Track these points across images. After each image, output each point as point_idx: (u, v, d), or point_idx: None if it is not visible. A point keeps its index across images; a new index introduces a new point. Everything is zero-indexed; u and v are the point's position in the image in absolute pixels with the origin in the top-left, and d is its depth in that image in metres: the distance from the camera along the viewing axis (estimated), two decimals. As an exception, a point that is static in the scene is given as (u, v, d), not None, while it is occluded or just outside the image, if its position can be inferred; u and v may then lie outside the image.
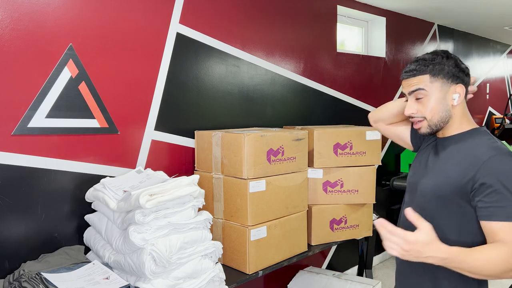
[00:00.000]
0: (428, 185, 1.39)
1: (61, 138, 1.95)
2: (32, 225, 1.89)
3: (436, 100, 1.35)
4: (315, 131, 2.52)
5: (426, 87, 1.35)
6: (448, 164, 1.35)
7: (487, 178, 1.23)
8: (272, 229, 2.22)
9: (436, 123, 1.37)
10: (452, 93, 1.36)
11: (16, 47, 1.80)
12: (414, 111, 1.38)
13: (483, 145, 1.30)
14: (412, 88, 1.37)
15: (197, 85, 2.47)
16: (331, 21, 3.32)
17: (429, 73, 1.35)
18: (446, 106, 1.36)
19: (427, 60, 1.37)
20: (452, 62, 1.37)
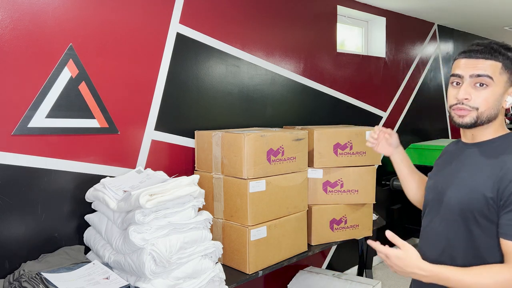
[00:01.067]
0: (453, 198, 1.27)
1: (61, 138, 1.95)
2: (32, 225, 1.89)
3: (495, 94, 1.22)
4: (315, 131, 2.52)
5: (494, 77, 1.21)
6: (476, 174, 1.24)
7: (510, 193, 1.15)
8: (272, 229, 2.22)
9: (485, 119, 1.24)
10: (508, 94, 1.25)
11: (16, 47, 1.80)
12: (469, 97, 1.22)
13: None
14: (479, 72, 1.21)
15: (197, 85, 2.47)
16: (331, 21, 3.32)
17: (502, 63, 1.22)
18: (499, 104, 1.24)
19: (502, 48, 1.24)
20: None
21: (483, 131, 1.28)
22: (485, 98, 1.22)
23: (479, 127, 1.27)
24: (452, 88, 1.29)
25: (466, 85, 1.23)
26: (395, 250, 1.20)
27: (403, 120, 4.18)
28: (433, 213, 1.36)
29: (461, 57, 1.28)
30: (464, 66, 1.25)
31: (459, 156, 1.34)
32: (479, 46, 1.25)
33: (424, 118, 4.52)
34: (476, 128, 1.28)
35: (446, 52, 4.79)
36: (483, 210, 1.20)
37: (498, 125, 1.28)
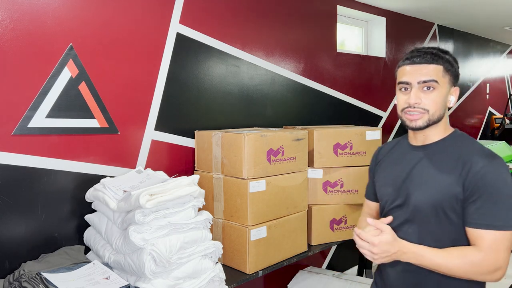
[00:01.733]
0: (424, 199, 1.32)
1: (61, 138, 1.95)
2: (32, 225, 1.89)
3: (442, 96, 1.32)
4: (315, 131, 2.52)
5: (439, 79, 1.30)
6: (440, 173, 1.30)
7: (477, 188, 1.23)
8: (272, 229, 2.22)
9: (435, 119, 1.32)
10: (451, 94, 1.35)
11: (16, 47, 1.80)
12: (419, 101, 1.31)
13: (473, 152, 1.29)
14: (426, 78, 1.30)
15: (197, 85, 2.47)
16: (331, 21, 3.32)
17: (443, 66, 1.31)
18: (444, 104, 1.34)
19: (440, 52, 1.33)
20: (457, 63, 1.36)
21: (434, 131, 1.36)
22: (434, 100, 1.31)
23: (429, 128, 1.35)
24: (401, 93, 1.36)
25: (416, 90, 1.31)
26: (378, 237, 1.26)
27: (403, 120, 4.18)
28: (400, 218, 1.39)
29: (405, 64, 1.35)
30: (410, 72, 1.33)
31: (413, 158, 1.40)
32: (420, 52, 1.33)
33: (424, 118, 4.51)
34: (427, 129, 1.35)
35: (446, 52, 4.79)
36: (454, 206, 1.27)
37: (445, 124, 1.37)
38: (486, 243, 1.21)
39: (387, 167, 1.49)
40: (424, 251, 1.26)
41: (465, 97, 5.25)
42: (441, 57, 1.31)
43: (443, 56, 1.32)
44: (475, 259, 1.22)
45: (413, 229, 1.35)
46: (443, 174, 1.29)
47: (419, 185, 1.34)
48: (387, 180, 1.47)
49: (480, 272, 1.22)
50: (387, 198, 1.45)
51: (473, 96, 5.43)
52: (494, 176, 1.23)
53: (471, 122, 5.49)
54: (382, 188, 1.49)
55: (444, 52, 1.34)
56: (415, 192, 1.35)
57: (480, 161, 1.25)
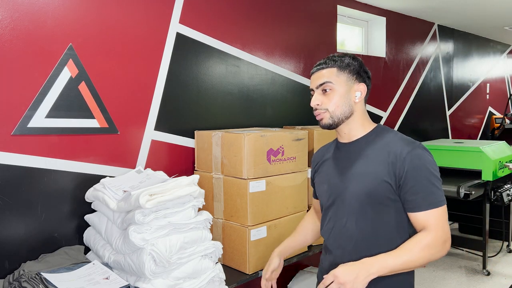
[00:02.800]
0: (358, 191, 1.39)
1: (61, 138, 1.95)
2: (32, 225, 1.89)
3: (341, 94, 1.42)
4: (315, 131, 2.52)
5: (333, 80, 1.43)
6: (370, 165, 1.39)
7: (408, 173, 1.32)
8: (272, 229, 2.22)
9: (339, 115, 1.42)
10: (355, 91, 1.45)
11: (16, 47, 1.80)
12: (319, 103, 1.44)
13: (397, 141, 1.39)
14: (320, 81, 1.44)
15: (197, 85, 2.47)
16: (331, 21, 3.32)
17: (337, 67, 1.44)
18: (349, 101, 1.43)
19: (335, 56, 1.47)
20: (357, 62, 1.46)
21: (353, 127, 1.46)
22: (331, 99, 1.43)
23: (343, 125, 1.45)
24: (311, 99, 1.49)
25: (316, 94, 1.46)
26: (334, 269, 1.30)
27: (403, 120, 4.18)
28: (336, 215, 1.47)
29: (311, 74, 1.51)
30: (312, 80, 1.49)
31: (344, 155, 1.49)
32: (321, 61, 1.49)
33: (424, 118, 4.52)
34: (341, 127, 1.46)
35: (446, 52, 4.79)
36: (387, 194, 1.35)
37: (364, 120, 1.47)
38: (432, 221, 1.30)
39: (323, 166, 1.57)
40: (385, 257, 1.30)
41: (465, 97, 5.25)
42: (334, 60, 1.45)
43: (336, 59, 1.45)
44: (428, 240, 1.29)
45: (352, 222, 1.41)
46: (373, 165, 1.38)
47: (352, 179, 1.42)
48: (323, 178, 1.55)
49: (436, 251, 1.29)
50: (324, 196, 1.53)
51: (473, 96, 5.43)
52: (420, 160, 1.33)
53: (471, 122, 5.49)
54: (319, 186, 1.57)
55: (341, 56, 1.47)
56: (349, 185, 1.42)
57: (405, 148, 1.35)
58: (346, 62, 1.45)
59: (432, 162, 1.35)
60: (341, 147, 1.51)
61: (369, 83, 1.50)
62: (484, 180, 3.64)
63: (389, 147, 1.38)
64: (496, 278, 3.70)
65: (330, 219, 1.50)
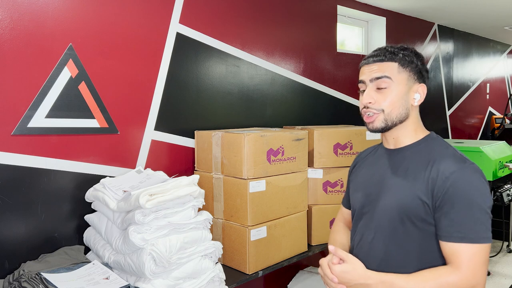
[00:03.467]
0: (389, 206, 1.23)
1: (61, 138, 1.95)
2: (32, 225, 1.88)
3: (399, 93, 1.23)
4: (315, 131, 2.52)
5: (393, 76, 1.23)
6: (408, 178, 1.22)
7: (447, 196, 1.14)
8: (272, 229, 2.22)
9: (394, 119, 1.24)
10: (414, 92, 1.26)
11: (16, 47, 1.80)
12: (372, 101, 1.24)
13: (444, 156, 1.20)
14: (376, 75, 1.24)
15: (197, 85, 2.47)
16: (331, 21, 3.32)
17: (398, 62, 1.24)
18: (406, 103, 1.25)
19: (396, 49, 1.26)
20: (420, 59, 1.28)
21: (402, 133, 1.28)
22: (387, 98, 1.23)
23: (394, 129, 1.27)
24: (360, 95, 1.31)
25: (369, 90, 1.26)
26: (339, 265, 1.21)
27: (403, 120, 4.18)
28: (364, 229, 1.32)
29: (362, 64, 1.30)
30: (365, 72, 1.27)
31: (385, 163, 1.31)
32: (376, 51, 1.28)
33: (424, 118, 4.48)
34: (392, 131, 1.28)
35: (446, 52, 4.79)
36: (420, 214, 1.18)
37: (416, 126, 1.29)
38: (461, 258, 1.11)
39: (361, 172, 1.41)
40: (393, 279, 1.15)
41: (465, 97, 5.25)
42: (396, 53, 1.24)
43: (398, 53, 1.25)
44: (451, 280, 1.11)
45: (379, 240, 1.26)
46: (411, 179, 1.21)
47: (386, 191, 1.26)
48: (359, 185, 1.39)
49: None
50: (356, 204, 1.38)
51: (473, 96, 5.43)
52: (466, 184, 1.13)
53: (471, 122, 5.49)
54: (353, 193, 1.42)
55: (402, 49, 1.26)
56: (381, 198, 1.26)
57: (450, 166, 1.16)
58: (409, 58, 1.24)
59: (481, 189, 1.14)
60: (384, 153, 1.34)
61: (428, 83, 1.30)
62: (484, 180, 3.63)
63: (434, 161, 1.19)
64: (496, 278, 3.69)
65: (358, 231, 1.35)
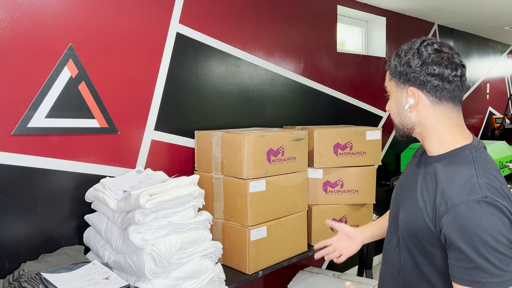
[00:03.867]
0: (404, 223, 1.15)
1: (61, 138, 1.95)
2: (32, 225, 1.88)
3: (394, 101, 1.17)
4: (315, 131, 2.52)
5: (388, 85, 1.19)
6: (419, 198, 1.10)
7: (448, 230, 1.00)
8: (272, 229, 2.22)
9: (399, 126, 1.18)
10: (406, 97, 1.13)
11: (16, 47, 1.80)
12: (387, 109, 1.22)
13: (459, 180, 1.03)
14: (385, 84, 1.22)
15: (197, 85, 2.47)
16: (331, 21, 3.32)
17: (389, 70, 1.17)
18: (402, 110, 1.14)
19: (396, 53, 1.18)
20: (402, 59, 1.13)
21: (423, 140, 1.17)
22: (389, 107, 1.20)
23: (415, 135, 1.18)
24: None
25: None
26: None
27: (403, 120, 4.18)
28: (391, 232, 1.25)
29: None
30: None
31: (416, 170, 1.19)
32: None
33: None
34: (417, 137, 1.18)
35: (446, 52, 4.79)
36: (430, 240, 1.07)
37: (440, 135, 1.12)
38: None
39: (405, 169, 1.30)
40: None
41: (465, 97, 5.24)
42: (390, 61, 1.17)
43: (391, 60, 1.17)
44: None
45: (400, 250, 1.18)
46: (421, 200, 1.09)
47: (403, 205, 1.17)
48: (395, 189, 1.30)
49: None
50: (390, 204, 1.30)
51: (473, 96, 5.43)
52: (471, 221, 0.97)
53: (471, 122, 5.49)
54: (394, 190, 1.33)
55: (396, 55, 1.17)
56: (400, 211, 1.18)
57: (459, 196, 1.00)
58: (396, 63, 1.14)
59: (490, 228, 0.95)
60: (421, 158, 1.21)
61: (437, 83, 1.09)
62: (484, 180, 3.62)
63: (445, 184, 1.04)
64: (496, 278, 3.68)
65: (388, 231, 1.28)
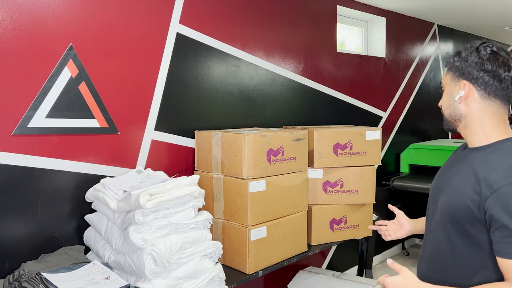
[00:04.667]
0: (444, 207, 1.24)
1: (61, 138, 1.95)
2: (32, 225, 1.89)
3: (447, 94, 1.30)
4: (315, 131, 2.52)
5: (444, 81, 1.32)
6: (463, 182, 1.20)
7: (494, 211, 1.10)
8: (272, 229, 2.22)
9: (447, 118, 1.30)
10: (458, 89, 1.25)
11: (16, 47, 1.80)
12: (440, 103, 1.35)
13: (502, 167, 1.14)
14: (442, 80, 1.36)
15: (197, 85, 2.47)
16: (331, 21, 3.32)
17: (447, 67, 1.32)
18: (453, 102, 1.27)
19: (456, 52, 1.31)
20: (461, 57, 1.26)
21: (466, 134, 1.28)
22: (442, 100, 1.33)
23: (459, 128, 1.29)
24: None
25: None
26: (392, 277, 1.20)
27: (403, 120, 4.18)
28: (429, 220, 1.34)
29: None
30: None
31: (460, 161, 1.31)
32: None
33: (424, 118, 4.52)
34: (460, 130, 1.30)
35: (446, 52, 4.79)
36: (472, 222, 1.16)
37: (484, 127, 1.24)
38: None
39: (445, 164, 1.41)
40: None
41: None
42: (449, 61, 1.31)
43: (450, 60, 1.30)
44: None
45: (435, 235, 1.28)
46: (466, 183, 1.19)
47: (446, 189, 1.27)
48: (437, 175, 1.41)
49: None
50: (429, 195, 1.40)
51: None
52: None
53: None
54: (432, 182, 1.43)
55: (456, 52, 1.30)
56: (443, 193, 1.27)
57: (501, 179, 1.11)
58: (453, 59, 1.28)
59: None
60: (465, 151, 1.32)
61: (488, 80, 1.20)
62: (484, 180, 3.63)
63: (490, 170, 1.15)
64: (496, 278, 3.69)
65: (426, 218, 1.40)
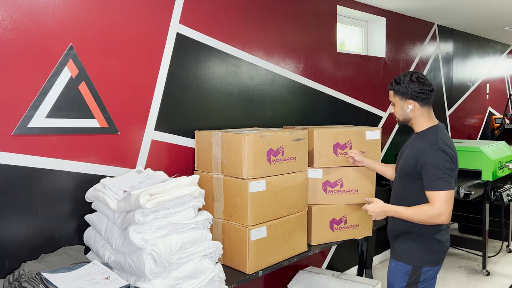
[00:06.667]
0: (401, 168, 2.12)
1: (61, 138, 1.95)
2: (32, 225, 1.89)
3: (398, 107, 2.10)
4: (315, 131, 2.52)
5: (393, 100, 2.12)
6: (410, 152, 2.06)
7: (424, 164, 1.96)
8: (272, 229, 2.22)
9: (401, 121, 2.13)
10: (407, 105, 2.06)
11: (16, 47, 1.80)
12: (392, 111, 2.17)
13: (428, 141, 2.00)
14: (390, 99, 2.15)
15: (197, 85, 2.47)
16: (331, 21, 3.33)
17: (393, 90, 2.10)
18: (405, 112, 2.08)
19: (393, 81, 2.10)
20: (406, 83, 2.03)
21: (413, 125, 2.11)
22: (394, 111, 2.13)
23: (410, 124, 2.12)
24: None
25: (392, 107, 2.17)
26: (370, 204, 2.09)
27: (403, 120, 4.18)
28: (396, 175, 2.20)
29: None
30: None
31: (410, 140, 2.16)
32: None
33: (424, 118, 4.51)
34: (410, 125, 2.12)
35: (446, 52, 4.79)
36: (414, 174, 2.02)
37: (423, 121, 2.07)
38: (433, 199, 1.94)
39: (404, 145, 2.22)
40: (399, 209, 2.02)
41: (465, 97, 5.26)
42: (392, 84, 2.10)
43: (392, 84, 2.10)
44: (427, 209, 1.95)
45: (397, 186, 2.17)
46: (411, 153, 2.05)
47: (403, 156, 2.13)
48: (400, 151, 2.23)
49: (430, 217, 1.94)
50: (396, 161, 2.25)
51: (473, 96, 5.43)
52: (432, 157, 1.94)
53: (471, 122, 5.50)
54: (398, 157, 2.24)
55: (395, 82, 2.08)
56: (400, 160, 2.15)
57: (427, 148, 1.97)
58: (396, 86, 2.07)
59: (441, 160, 1.93)
60: (412, 135, 2.16)
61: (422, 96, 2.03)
62: (484, 180, 3.64)
63: (423, 143, 2.00)
64: (496, 278, 3.70)
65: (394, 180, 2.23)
